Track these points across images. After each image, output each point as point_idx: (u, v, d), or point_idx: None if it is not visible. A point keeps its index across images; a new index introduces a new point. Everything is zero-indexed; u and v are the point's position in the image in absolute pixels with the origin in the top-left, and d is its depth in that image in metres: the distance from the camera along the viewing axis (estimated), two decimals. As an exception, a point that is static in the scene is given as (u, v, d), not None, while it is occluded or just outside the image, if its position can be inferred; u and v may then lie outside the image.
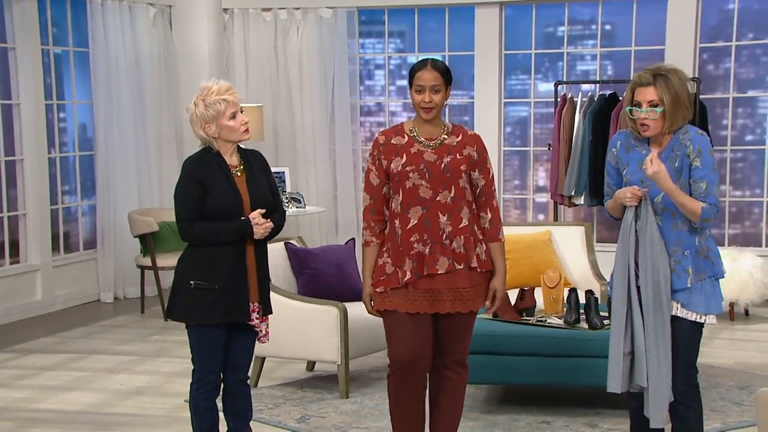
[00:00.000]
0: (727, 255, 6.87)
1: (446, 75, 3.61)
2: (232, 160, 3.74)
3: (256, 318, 3.76)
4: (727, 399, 4.97)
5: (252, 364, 3.97)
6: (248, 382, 3.88)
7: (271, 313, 3.85)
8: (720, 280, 3.53)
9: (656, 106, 3.40)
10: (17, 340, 6.51)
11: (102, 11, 7.62)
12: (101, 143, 7.71)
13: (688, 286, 3.44)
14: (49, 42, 7.57)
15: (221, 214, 3.65)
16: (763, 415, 2.53)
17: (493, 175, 3.71)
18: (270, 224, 3.70)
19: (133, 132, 7.87)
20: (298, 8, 8.31)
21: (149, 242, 7.07)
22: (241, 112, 3.70)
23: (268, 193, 3.77)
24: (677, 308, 3.47)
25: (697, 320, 3.46)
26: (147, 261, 7.15)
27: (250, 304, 3.73)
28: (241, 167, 3.75)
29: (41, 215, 7.37)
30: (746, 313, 7.01)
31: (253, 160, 3.80)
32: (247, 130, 3.71)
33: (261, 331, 3.81)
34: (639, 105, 3.43)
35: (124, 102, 7.77)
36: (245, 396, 3.86)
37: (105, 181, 7.72)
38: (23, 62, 7.20)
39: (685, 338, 3.46)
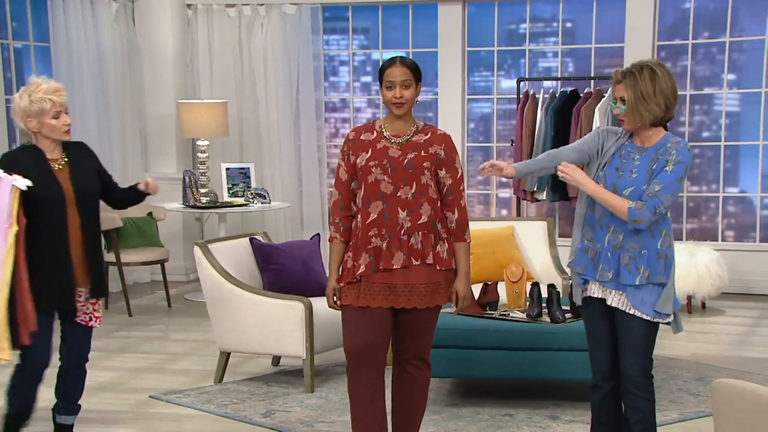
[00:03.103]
0: (685, 249, 7.00)
1: (416, 71, 3.64)
2: (54, 154, 3.93)
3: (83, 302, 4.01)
4: (685, 390, 5.07)
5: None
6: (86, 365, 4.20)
7: (102, 296, 4.08)
8: (673, 281, 3.52)
9: (624, 103, 3.47)
10: (-21, 338, 6.46)
11: (63, 5, 7.55)
12: (63, 139, 7.65)
13: (636, 283, 3.46)
14: (9, 36, 7.50)
15: (44, 205, 3.81)
16: (720, 406, 2.57)
17: (461, 176, 3.70)
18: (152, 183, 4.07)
19: (96, 127, 7.81)
20: (262, 4, 8.31)
21: (113, 238, 7.04)
22: (66, 113, 3.87)
23: (95, 181, 3.98)
24: (626, 305, 3.50)
25: (645, 318, 3.49)
26: (111, 257, 7.11)
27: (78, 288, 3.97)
28: (64, 161, 3.93)
29: (2, 211, 7.29)
30: (703, 306, 7.14)
31: (78, 152, 3.99)
32: (68, 131, 3.91)
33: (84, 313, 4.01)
34: (616, 101, 3.52)
35: (87, 97, 7.71)
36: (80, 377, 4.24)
37: (67, 176, 7.65)
38: (-17, 57, 7.13)
39: (639, 333, 3.50)
